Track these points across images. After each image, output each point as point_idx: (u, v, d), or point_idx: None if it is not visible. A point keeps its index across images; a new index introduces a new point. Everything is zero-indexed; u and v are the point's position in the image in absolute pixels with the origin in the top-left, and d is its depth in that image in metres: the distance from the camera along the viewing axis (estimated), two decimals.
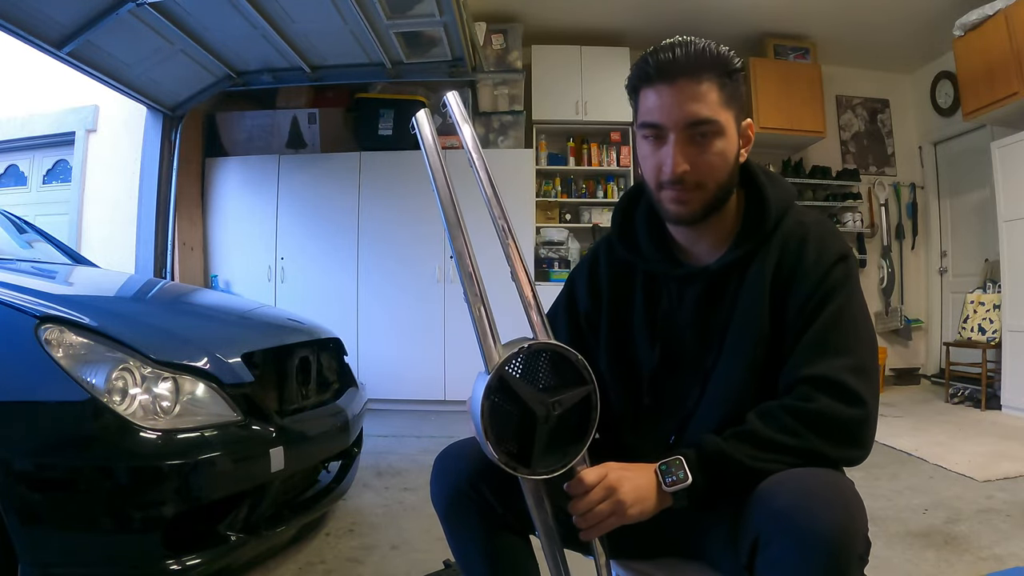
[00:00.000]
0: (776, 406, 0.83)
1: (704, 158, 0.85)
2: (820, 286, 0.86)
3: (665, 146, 0.85)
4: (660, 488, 0.81)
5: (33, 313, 1.38)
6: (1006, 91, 3.89)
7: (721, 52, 0.85)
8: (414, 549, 1.94)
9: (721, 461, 0.80)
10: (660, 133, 0.86)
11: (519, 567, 0.95)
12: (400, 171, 4.49)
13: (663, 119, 0.85)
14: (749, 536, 0.75)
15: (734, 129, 0.87)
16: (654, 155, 0.87)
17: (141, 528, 1.33)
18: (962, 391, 4.35)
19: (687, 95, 0.83)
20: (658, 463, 0.83)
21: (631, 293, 1.00)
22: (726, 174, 0.87)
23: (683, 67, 0.83)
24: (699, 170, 0.85)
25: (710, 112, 0.83)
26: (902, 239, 5.30)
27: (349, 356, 2.38)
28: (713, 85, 0.84)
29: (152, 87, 3.86)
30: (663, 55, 0.84)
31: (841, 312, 0.85)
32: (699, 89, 0.83)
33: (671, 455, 0.83)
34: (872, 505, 2.25)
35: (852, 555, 0.69)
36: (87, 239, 4.52)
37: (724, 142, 0.86)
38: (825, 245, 0.88)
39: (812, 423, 0.79)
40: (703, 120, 0.83)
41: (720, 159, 0.86)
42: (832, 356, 0.82)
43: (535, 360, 0.82)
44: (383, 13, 3.31)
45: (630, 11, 4.51)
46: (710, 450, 0.81)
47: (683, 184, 0.85)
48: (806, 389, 0.81)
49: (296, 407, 1.85)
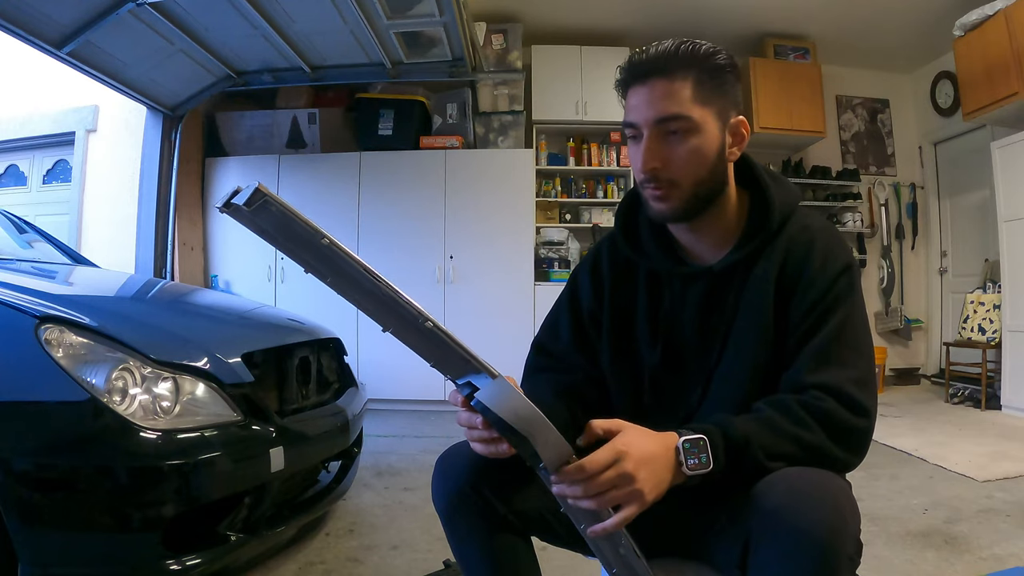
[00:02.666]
0: (789, 399, 0.82)
1: (676, 155, 0.85)
2: (826, 295, 0.86)
3: (640, 144, 0.87)
4: (677, 467, 0.76)
5: (33, 313, 1.38)
6: (1006, 91, 3.88)
7: (700, 49, 0.85)
8: (414, 549, 1.94)
9: (745, 449, 0.77)
10: (636, 132, 0.87)
11: (519, 567, 0.95)
12: (400, 171, 4.49)
13: (637, 117, 0.86)
14: (741, 536, 0.76)
15: (714, 126, 0.86)
16: (635, 154, 0.88)
17: (141, 528, 1.33)
18: (962, 391, 4.35)
19: (657, 93, 0.84)
20: (680, 438, 0.77)
21: (634, 292, 1.00)
22: (705, 171, 0.87)
23: (655, 67, 0.85)
24: (671, 167, 0.86)
25: (680, 108, 0.84)
26: (902, 239, 5.30)
27: (349, 356, 2.38)
28: (687, 82, 0.84)
29: (152, 87, 3.86)
30: (638, 57, 0.86)
31: (845, 324, 0.85)
32: (671, 87, 0.84)
33: (689, 428, 0.79)
34: (872, 505, 2.26)
35: (841, 556, 0.69)
36: (87, 239, 4.52)
37: (700, 139, 0.85)
38: (831, 253, 0.88)
39: (823, 421, 0.80)
40: (671, 116, 0.84)
41: (694, 156, 0.85)
42: (836, 367, 0.83)
43: None
44: (383, 13, 3.31)
45: (630, 11, 4.51)
46: (737, 436, 0.78)
47: (657, 181, 0.86)
48: (816, 392, 0.81)
49: (296, 407, 1.85)
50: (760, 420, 0.80)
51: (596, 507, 0.73)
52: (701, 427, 0.79)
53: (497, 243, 4.47)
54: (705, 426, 0.79)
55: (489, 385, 0.70)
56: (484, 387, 0.71)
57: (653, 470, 0.74)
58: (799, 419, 0.80)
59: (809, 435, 0.79)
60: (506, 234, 4.47)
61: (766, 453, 0.77)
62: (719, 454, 0.77)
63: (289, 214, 0.61)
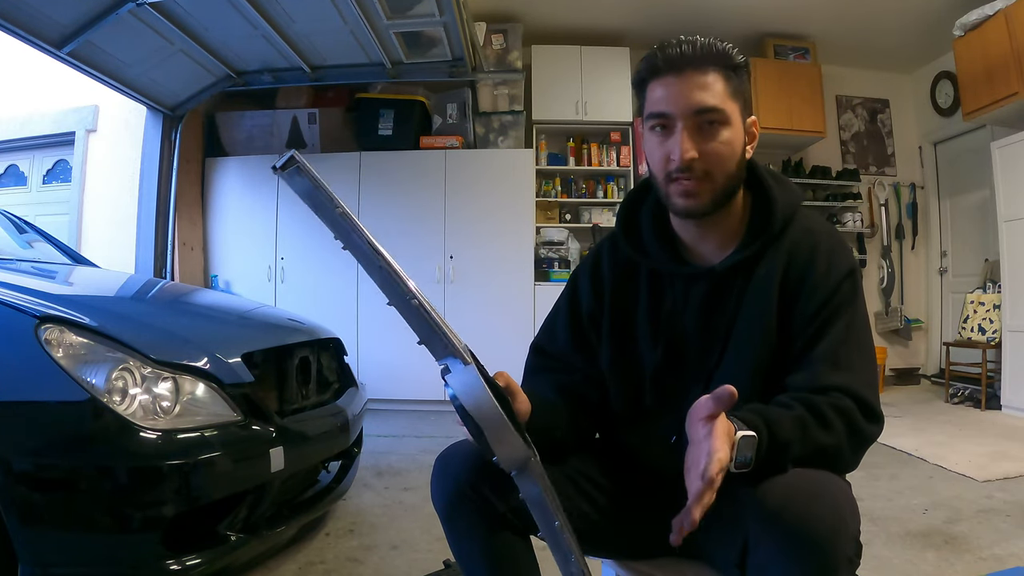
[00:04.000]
0: (818, 399, 0.80)
1: (712, 146, 0.86)
2: (831, 300, 0.86)
3: (673, 136, 0.86)
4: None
5: (33, 313, 1.38)
6: (1006, 91, 3.89)
7: (725, 47, 0.87)
8: (414, 549, 1.94)
9: (783, 452, 0.75)
10: (668, 122, 0.87)
11: (519, 567, 0.95)
12: (400, 171, 4.50)
13: (671, 108, 0.86)
14: (740, 536, 0.76)
15: (740, 122, 0.88)
16: (662, 146, 0.88)
17: (141, 528, 1.33)
18: (962, 391, 4.35)
19: (694, 84, 0.85)
20: (737, 433, 0.72)
21: (635, 292, 1.00)
22: (734, 165, 0.88)
23: (690, 59, 0.85)
24: (707, 158, 0.86)
25: (717, 101, 0.85)
26: (902, 239, 5.30)
27: (349, 356, 2.38)
28: (719, 77, 0.85)
29: (152, 87, 3.86)
30: (671, 50, 0.86)
31: (850, 329, 0.86)
32: (706, 79, 0.85)
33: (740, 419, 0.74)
34: (872, 505, 2.26)
35: (841, 557, 0.69)
36: (87, 239, 4.52)
37: (731, 132, 0.86)
38: (835, 257, 0.89)
39: (846, 423, 0.79)
40: (710, 108, 0.85)
41: (727, 148, 0.86)
42: (847, 371, 0.83)
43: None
44: (383, 13, 3.31)
45: (630, 11, 4.51)
46: (782, 439, 0.75)
47: (691, 172, 0.86)
48: (837, 394, 0.81)
49: (296, 407, 1.85)
50: (796, 419, 0.77)
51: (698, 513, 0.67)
52: (752, 420, 0.75)
53: (497, 243, 4.47)
54: (756, 420, 0.75)
55: (460, 371, 0.73)
56: (455, 371, 0.74)
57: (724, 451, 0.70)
58: (827, 421, 0.79)
59: (831, 439, 0.79)
60: (506, 234, 4.47)
61: (792, 456, 0.76)
62: (761, 453, 0.74)
63: (313, 182, 0.75)
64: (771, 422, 0.76)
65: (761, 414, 0.77)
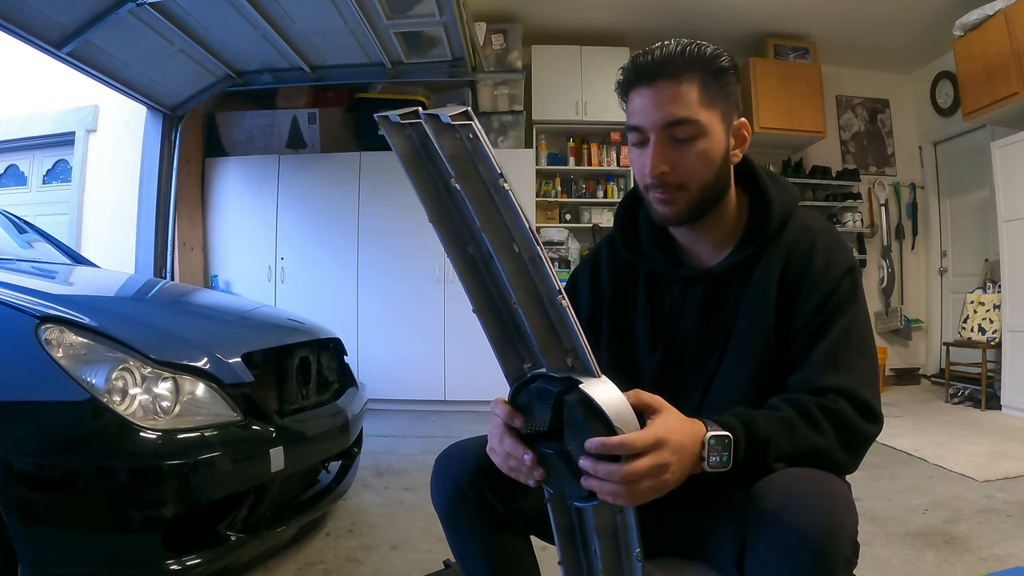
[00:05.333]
0: (808, 400, 0.80)
1: (684, 159, 0.85)
2: (830, 298, 0.86)
3: (647, 148, 0.86)
4: (699, 461, 0.74)
5: (33, 313, 1.38)
6: (1006, 91, 3.88)
7: (705, 51, 0.85)
8: (414, 549, 1.94)
9: (764, 450, 0.76)
10: (643, 135, 0.86)
11: (519, 567, 0.95)
12: (400, 171, 4.47)
13: (643, 121, 0.85)
14: (738, 536, 0.76)
15: (720, 129, 0.86)
16: (639, 158, 0.88)
17: (141, 528, 1.33)
18: (962, 391, 4.35)
19: (665, 96, 0.83)
20: (707, 432, 0.74)
21: (633, 294, 1.00)
22: (711, 174, 0.87)
23: (661, 68, 0.83)
24: (679, 171, 0.85)
25: (688, 112, 0.83)
26: (902, 239, 5.30)
27: (349, 356, 2.38)
28: (694, 85, 0.83)
29: (152, 87, 3.86)
30: (643, 58, 0.85)
31: (850, 328, 0.85)
32: (678, 90, 0.83)
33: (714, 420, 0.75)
34: (872, 505, 2.26)
35: (838, 556, 0.68)
36: (87, 239, 4.52)
37: (707, 142, 0.85)
38: (834, 255, 0.88)
39: (837, 425, 0.79)
40: (680, 120, 0.83)
41: (702, 159, 0.85)
42: (847, 372, 0.83)
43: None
44: (383, 13, 3.31)
45: (630, 11, 4.51)
46: (760, 437, 0.76)
47: (664, 186, 0.86)
48: (834, 396, 0.81)
49: (296, 407, 1.85)
50: (780, 419, 0.79)
51: (626, 499, 0.68)
52: (726, 421, 0.76)
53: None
54: (730, 420, 0.76)
55: (595, 382, 0.68)
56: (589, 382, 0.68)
57: (681, 462, 0.71)
58: (816, 422, 0.79)
59: (821, 439, 0.79)
60: None
61: (777, 454, 0.77)
62: (739, 452, 0.75)
63: (479, 142, 0.66)
64: (748, 421, 0.77)
65: (739, 415, 0.78)
